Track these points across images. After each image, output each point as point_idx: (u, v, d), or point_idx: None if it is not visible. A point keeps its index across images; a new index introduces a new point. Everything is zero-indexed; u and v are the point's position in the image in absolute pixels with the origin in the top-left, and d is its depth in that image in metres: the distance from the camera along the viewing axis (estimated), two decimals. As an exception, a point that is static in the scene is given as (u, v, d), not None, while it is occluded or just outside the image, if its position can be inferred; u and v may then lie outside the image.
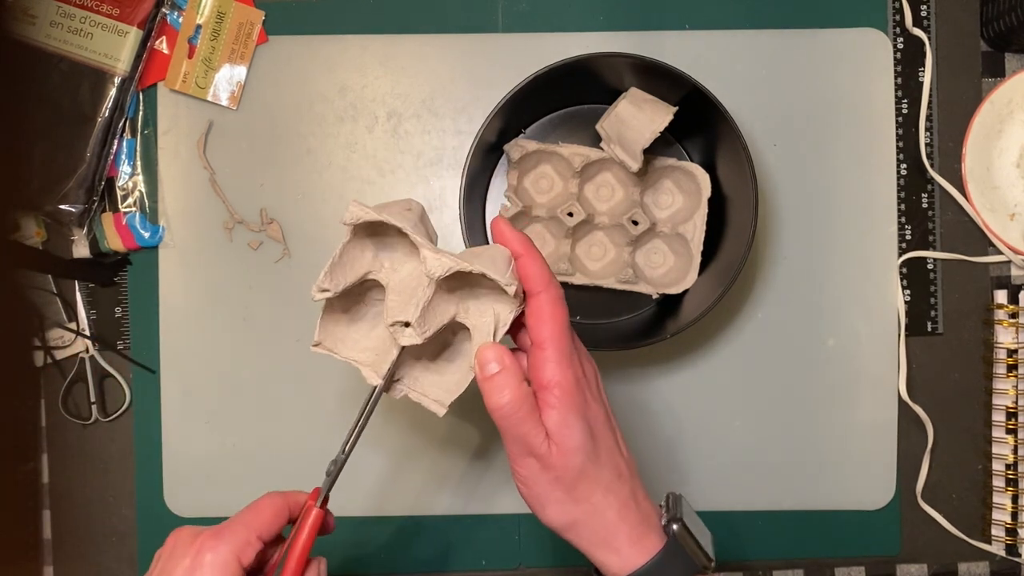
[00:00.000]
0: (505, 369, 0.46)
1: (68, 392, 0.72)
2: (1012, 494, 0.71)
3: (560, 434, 0.46)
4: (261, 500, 0.50)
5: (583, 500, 0.47)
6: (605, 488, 0.47)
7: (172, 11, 0.71)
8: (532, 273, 0.47)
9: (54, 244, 0.72)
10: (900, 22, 0.72)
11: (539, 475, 0.46)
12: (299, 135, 0.72)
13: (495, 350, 0.47)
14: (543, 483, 0.46)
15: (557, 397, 0.46)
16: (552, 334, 0.46)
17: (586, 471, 0.46)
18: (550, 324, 0.46)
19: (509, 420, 0.45)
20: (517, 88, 0.63)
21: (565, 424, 0.46)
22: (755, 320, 0.72)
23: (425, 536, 0.72)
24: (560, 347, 0.46)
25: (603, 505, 0.47)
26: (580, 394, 0.46)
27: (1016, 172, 0.72)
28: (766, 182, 0.72)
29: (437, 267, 0.45)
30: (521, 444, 0.46)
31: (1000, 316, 0.71)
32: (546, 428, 0.46)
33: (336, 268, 0.48)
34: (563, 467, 0.46)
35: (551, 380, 0.46)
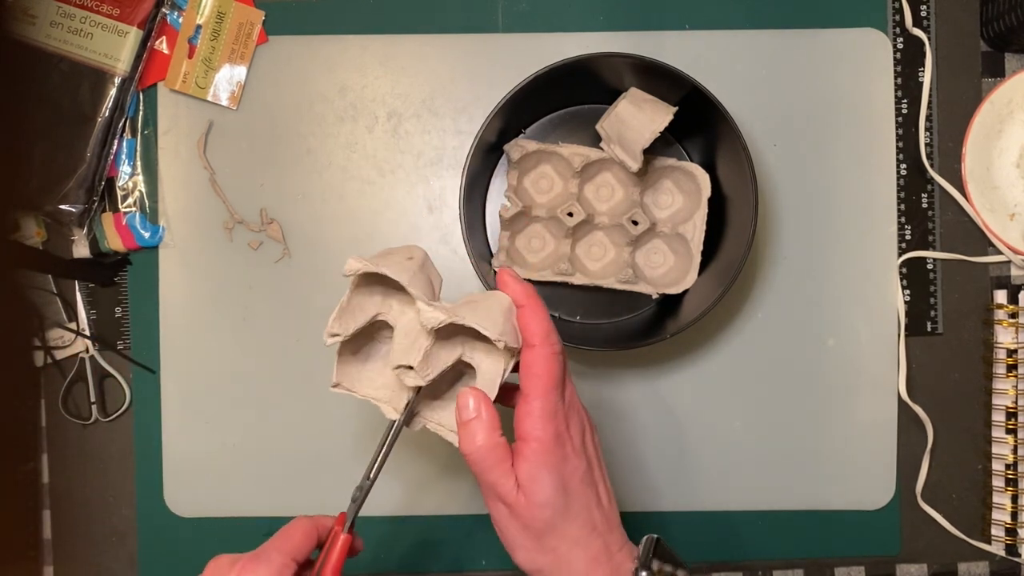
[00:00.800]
0: (479, 418, 0.47)
1: (68, 392, 0.72)
2: (1012, 494, 0.71)
3: (529, 488, 0.46)
4: (291, 525, 0.51)
5: (550, 551, 0.47)
6: (573, 541, 0.47)
7: (172, 11, 0.71)
8: (530, 326, 0.48)
9: (54, 244, 0.72)
10: (900, 22, 0.72)
11: (508, 521, 0.48)
12: (299, 135, 0.72)
13: (475, 396, 0.48)
14: (512, 529, 0.48)
15: (532, 450, 0.46)
16: (538, 389, 0.47)
17: (554, 524, 0.47)
18: (538, 379, 0.47)
19: (478, 466, 0.47)
20: (517, 88, 0.63)
21: (535, 479, 0.46)
22: (755, 320, 0.72)
23: (425, 536, 0.72)
24: (544, 403, 0.47)
25: (570, 557, 0.47)
26: (558, 450, 0.47)
27: (1016, 172, 0.72)
28: (766, 182, 0.72)
29: (431, 320, 0.47)
30: (490, 490, 0.47)
31: (1000, 316, 0.71)
32: (517, 478, 0.47)
33: (345, 313, 0.50)
34: (530, 518, 0.47)
35: (529, 434, 0.47)
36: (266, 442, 0.72)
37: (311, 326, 0.72)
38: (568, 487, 0.47)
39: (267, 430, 0.72)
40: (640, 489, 0.72)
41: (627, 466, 0.72)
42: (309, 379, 0.71)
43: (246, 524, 0.72)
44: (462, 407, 0.48)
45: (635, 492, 0.72)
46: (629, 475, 0.72)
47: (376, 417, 0.72)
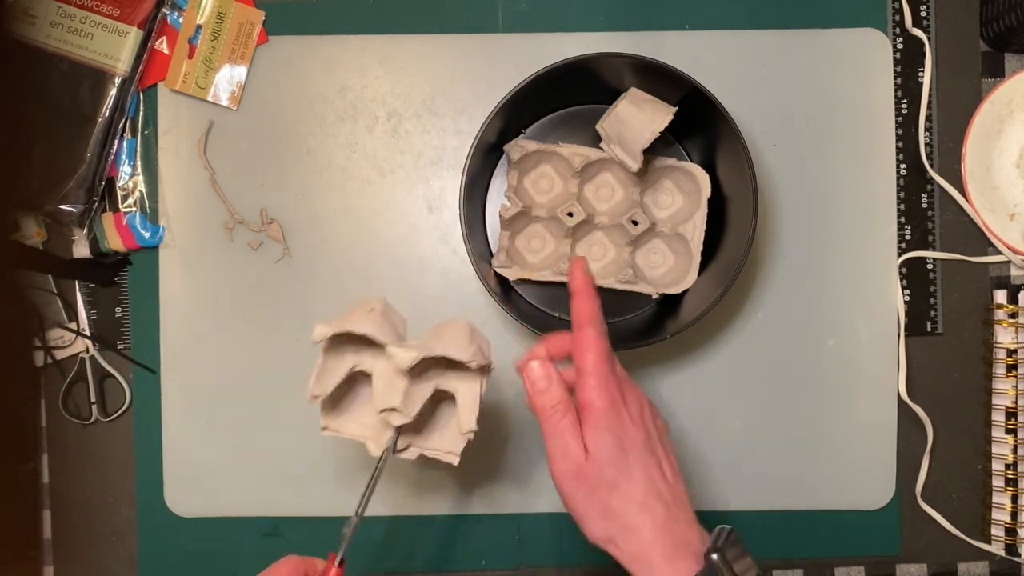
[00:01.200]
0: (554, 384, 0.51)
1: (68, 392, 0.72)
2: (1012, 494, 0.71)
3: (594, 446, 0.50)
4: (280, 564, 0.52)
5: (618, 515, 0.50)
6: (639, 506, 0.50)
7: (172, 11, 0.71)
8: (582, 310, 0.52)
9: (54, 244, 0.72)
10: (900, 22, 0.72)
11: (577, 490, 0.50)
12: (299, 135, 0.72)
13: (544, 368, 0.52)
14: (581, 497, 0.50)
15: (593, 416, 0.50)
16: (591, 363, 0.50)
17: (618, 485, 0.50)
18: (590, 353, 0.51)
19: (557, 427, 0.50)
20: (517, 88, 0.63)
21: (597, 439, 0.50)
22: (755, 320, 0.72)
23: (425, 536, 0.72)
24: (598, 374, 0.50)
25: (638, 522, 0.49)
26: (615, 415, 0.50)
27: (1016, 172, 0.72)
28: (766, 182, 0.72)
29: (404, 361, 0.51)
30: (562, 451, 0.50)
31: (1000, 316, 0.71)
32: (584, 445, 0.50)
33: (322, 374, 0.54)
34: (596, 479, 0.49)
35: (588, 403, 0.50)
36: (266, 442, 0.72)
37: (311, 326, 0.71)
38: (628, 450, 0.50)
39: (267, 430, 0.72)
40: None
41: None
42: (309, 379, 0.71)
43: (246, 524, 0.72)
44: (535, 380, 0.52)
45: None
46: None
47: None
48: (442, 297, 0.72)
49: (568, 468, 0.50)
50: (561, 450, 0.50)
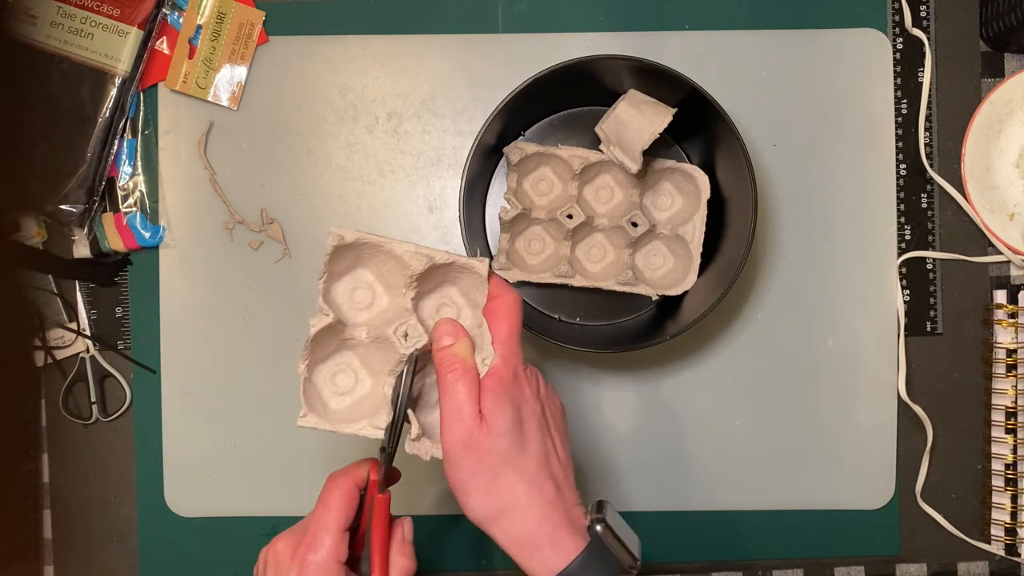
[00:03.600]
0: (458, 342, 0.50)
1: (68, 392, 0.72)
2: (1011, 494, 0.71)
3: (491, 413, 0.48)
4: (328, 493, 0.51)
5: (506, 490, 0.48)
6: (529, 482, 0.48)
7: (173, 11, 0.71)
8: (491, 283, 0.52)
9: (54, 244, 0.72)
10: (900, 22, 0.72)
11: (464, 457, 0.48)
12: (299, 135, 0.72)
13: (451, 324, 0.51)
14: (468, 466, 0.48)
15: (493, 382, 0.49)
16: (502, 331, 0.50)
17: (510, 457, 0.48)
18: (503, 321, 0.51)
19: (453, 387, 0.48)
20: (515, 91, 0.63)
21: (497, 405, 0.48)
22: (755, 321, 0.72)
23: (425, 536, 0.72)
24: (507, 342, 0.50)
25: (526, 500, 0.48)
26: (516, 387, 0.50)
27: (1015, 172, 0.72)
28: (766, 182, 0.72)
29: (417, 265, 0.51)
30: (456, 412, 0.48)
31: (999, 316, 0.71)
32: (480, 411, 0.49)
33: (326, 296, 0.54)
34: (488, 448, 0.48)
35: (491, 368, 0.50)
36: (266, 442, 0.72)
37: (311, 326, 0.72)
38: (525, 424, 0.49)
39: (267, 430, 0.72)
40: (640, 489, 0.72)
41: (627, 466, 0.72)
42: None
43: (246, 524, 0.72)
44: (440, 336, 0.51)
45: (635, 492, 0.72)
46: (629, 475, 0.72)
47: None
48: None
49: (459, 432, 0.48)
50: (455, 411, 0.48)
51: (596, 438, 0.72)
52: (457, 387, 0.48)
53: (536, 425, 0.50)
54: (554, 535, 0.48)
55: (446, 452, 0.49)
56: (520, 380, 0.50)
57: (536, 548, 0.48)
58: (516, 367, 0.50)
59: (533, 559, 0.48)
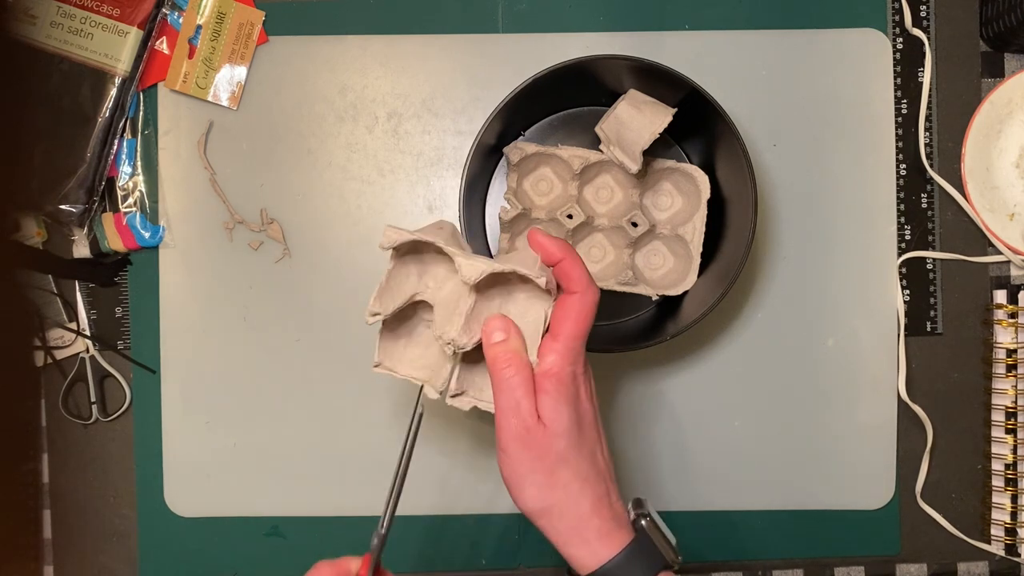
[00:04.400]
0: (511, 337, 0.50)
1: (68, 392, 0.72)
2: (1011, 494, 0.71)
3: (549, 416, 0.48)
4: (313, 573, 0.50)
5: (561, 487, 0.49)
6: (583, 479, 0.49)
7: (172, 11, 0.71)
8: (574, 274, 0.49)
9: (54, 244, 0.72)
10: (900, 22, 0.72)
11: (522, 452, 0.48)
12: (299, 135, 0.72)
13: (502, 320, 0.50)
14: (525, 461, 0.48)
15: (553, 384, 0.48)
16: (570, 331, 0.49)
17: (567, 458, 0.48)
18: (572, 322, 0.49)
19: (509, 382, 0.48)
20: (515, 91, 0.63)
21: (556, 409, 0.48)
22: (755, 320, 0.72)
23: (425, 535, 0.72)
24: (571, 344, 0.49)
25: (579, 495, 0.49)
26: (574, 388, 0.49)
27: (1015, 172, 0.72)
28: (766, 182, 0.72)
29: (471, 272, 0.49)
30: (513, 408, 0.48)
31: (999, 316, 0.71)
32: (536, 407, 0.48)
33: (384, 292, 0.51)
34: (546, 447, 0.48)
35: (550, 369, 0.49)
36: (266, 442, 0.72)
37: (311, 326, 0.72)
38: (582, 424, 0.49)
39: (267, 430, 0.72)
40: (641, 489, 0.72)
41: (627, 466, 0.72)
42: (309, 379, 0.72)
43: (246, 524, 0.72)
44: (490, 331, 0.50)
45: (635, 492, 0.72)
46: (630, 475, 0.72)
47: (375, 418, 0.72)
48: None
49: (516, 428, 0.48)
50: (512, 407, 0.48)
51: (596, 438, 0.72)
52: (514, 382, 0.48)
53: (589, 425, 0.50)
54: (602, 528, 0.49)
55: (503, 445, 0.49)
56: (578, 381, 0.50)
57: (584, 541, 0.49)
58: (576, 368, 0.49)
59: (581, 549, 0.49)
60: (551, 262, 0.50)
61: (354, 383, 0.71)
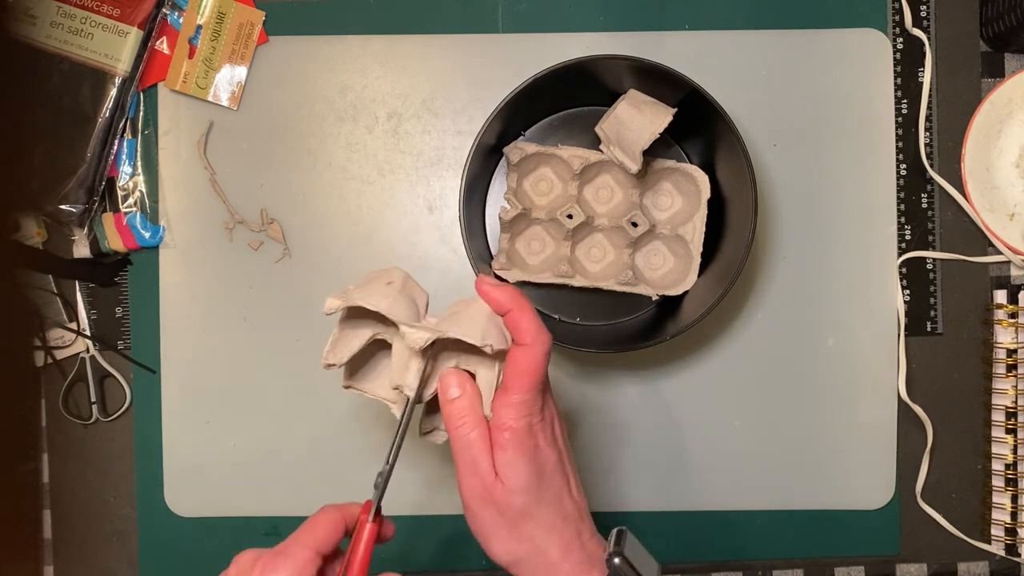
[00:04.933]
0: (465, 395, 0.49)
1: (68, 392, 0.72)
2: (1011, 494, 0.71)
3: (505, 473, 0.48)
4: (316, 516, 0.50)
5: (526, 539, 0.49)
6: (548, 528, 0.49)
7: (172, 11, 0.71)
8: (522, 325, 0.49)
9: (54, 244, 0.72)
10: (900, 22, 0.72)
11: (483, 508, 0.48)
12: (299, 135, 0.72)
13: (457, 377, 0.49)
14: (488, 518, 0.48)
15: (507, 439, 0.48)
16: (522, 385, 0.48)
17: (529, 511, 0.48)
18: (524, 376, 0.48)
19: (463, 440, 0.48)
20: (515, 92, 0.63)
21: (511, 465, 0.48)
22: (755, 320, 0.72)
23: (425, 536, 0.72)
24: (524, 396, 0.48)
25: (546, 544, 0.49)
26: (530, 439, 0.48)
27: (1015, 172, 0.72)
28: (766, 182, 0.72)
29: (416, 341, 0.48)
30: (470, 467, 0.48)
31: (999, 316, 0.71)
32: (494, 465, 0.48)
33: (337, 344, 0.51)
34: (506, 504, 0.48)
35: (504, 423, 0.48)
36: (266, 442, 0.72)
37: (311, 326, 0.72)
38: (541, 475, 0.49)
39: (267, 430, 0.72)
40: (640, 489, 0.72)
41: (627, 466, 0.72)
42: (309, 379, 0.72)
43: (246, 524, 0.72)
44: (446, 388, 0.49)
45: (635, 492, 0.72)
46: (629, 475, 0.72)
47: (376, 418, 0.72)
48: (442, 297, 0.71)
49: (476, 486, 0.48)
50: (470, 465, 0.48)
51: (596, 438, 0.72)
52: (470, 439, 0.48)
53: (551, 473, 0.49)
54: (572, 572, 0.49)
55: (465, 503, 0.49)
56: (535, 432, 0.48)
57: None
58: (532, 419, 0.48)
59: None
60: (500, 312, 0.50)
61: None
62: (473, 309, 0.50)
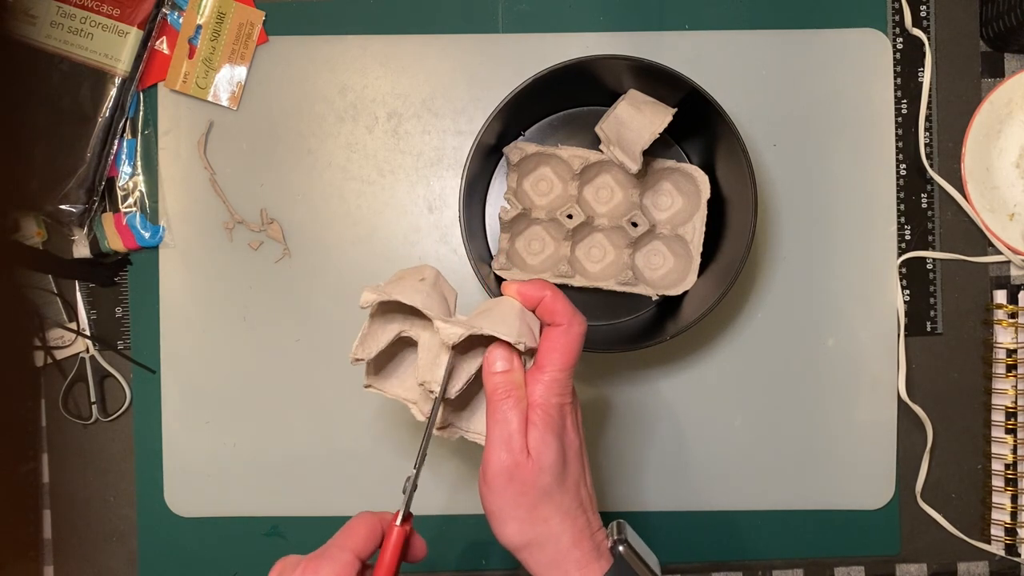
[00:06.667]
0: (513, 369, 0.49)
1: (68, 392, 0.72)
2: (1011, 494, 0.71)
3: (537, 450, 0.48)
4: (354, 520, 0.50)
5: (542, 522, 0.49)
6: (564, 513, 0.49)
7: (172, 11, 0.71)
8: (557, 309, 0.50)
9: (54, 244, 0.72)
10: (900, 22, 0.72)
11: (507, 487, 0.48)
12: (299, 135, 0.72)
13: (506, 350, 0.50)
14: (509, 497, 0.48)
15: (540, 417, 0.48)
16: (557, 362, 0.49)
17: (551, 492, 0.48)
18: (559, 354, 0.49)
19: (504, 415, 0.48)
20: (515, 91, 0.63)
21: (543, 442, 0.48)
22: (755, 320, 0.72)
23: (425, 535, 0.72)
24: (558, 376, 0.49)
25: (559, 530, 0.49)
26: (561, 420, 0.49)
27: (1015, 172, 0.72)
28: (766, 182, 0.72)
29: (450, 336, 0.48)
30: (505, 442, 0.48)
31: (999, 316, 0.71)
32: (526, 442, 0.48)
33: (367, 339, 0.52)
34: (531, 482, 0.48)
35: (537, 401, 0.49)
36: (266, 442, 0.72)
37: (311, 326, 0.72)
38: (567, 457, 0.49)
39: (267, 430, 0.72)
40: (640, 489, 0.72)
41: (627, 466, 0.72)
42: (309, 379, 0.72)
43: (246, 524, 0.72)
44: (493, 360, 0.49)
45: (635, 492, 0.72)
46: (630, 475, 0.72)
47: (376, 418, 0.72)
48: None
49: (506, 462, 0.48)
50: (504, 440, 0.48)
51: (596, 438, 0.72)
52: (510, 416, 0.48)
53: (574, 457, 0.50)
54: (581, 560, 0.49)
55: (489, 479, 0.49)
56: (565, 414, 0.49)
57: (564, 573, 0.49)
58: (563, 399, 0.49)
59: None
60: (531, 305, 0.51)
61: (354, 383, 0.71)
62: (504, 307, 0.51)
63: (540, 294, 0.50)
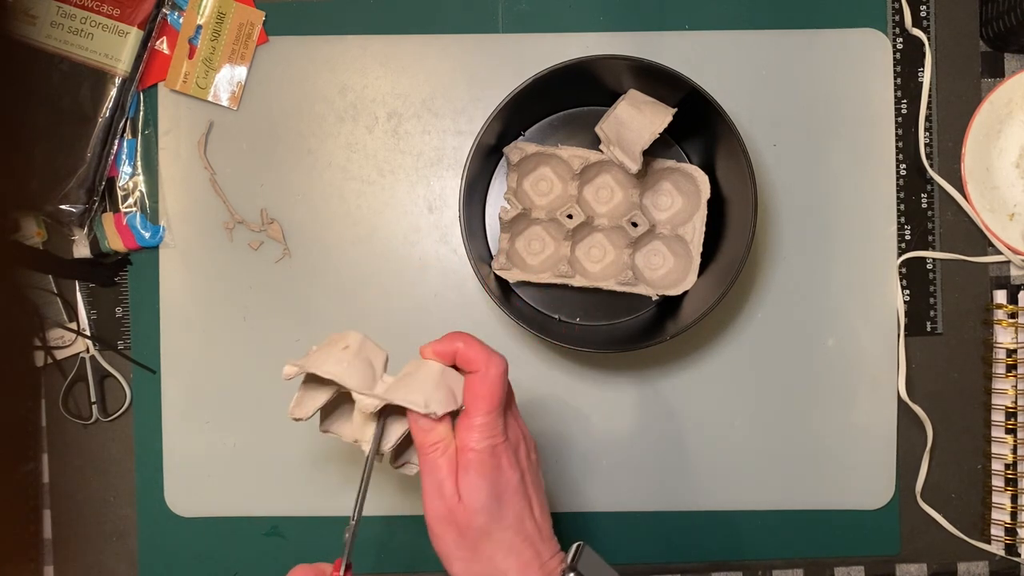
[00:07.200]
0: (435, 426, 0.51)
1: (68, 392, 0.72)
2: (1011, 494, 0.71)
3: (468, 493, 0.49)
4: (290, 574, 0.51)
5: (486, 560, 0.50)
6: (507, 549, 0.50)
7: (173, 11, 0.71)
8: (471, 357, 0.51)
9: (54, 244, 0.72)
10: (900, 22, 0.72)
11: (446, 532, 0.50)
12: (299, 135, 0.72)
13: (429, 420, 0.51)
14: (450, 540, 0.50)
15: (469, 460, 0.50)
16: (481, 408, 0.50)
17: (488, 531, 0.50)
18: (481, 400, 0.50)
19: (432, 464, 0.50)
20: (515, 91, 0.63)
21: (474, 486, 0.49)
22: (755, 320, 0.72)
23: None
24: (485, 420, 0.50)
25: (505, 566, 0.50)
26: (492, 460, 0.50)
27: (1015, 172, 0.72)
28: (765, 182, 0.72)
29: (367, 407, 0.51)
30: (436, 489, 0.50)
31: (999, 316, 0.71)
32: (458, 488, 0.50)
33: (302, 400, 0.54)
34: (467, 524, 0.49)
35: (466, 445, 0.50)
36: (266, 442, 0.72)
37: (311, 326, 0.72)
38: (502, 496, 0.50)
39: (267, 430, 0.72)
40: (640, 489, 0.72)
41: (627, 466, 0.72)
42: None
43: (246, 524, 0.72)
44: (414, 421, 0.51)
45: (635, 492, 0.72)
46: (629, 475, 0.72)
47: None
48: (442, 297, 0.72)
49: (440, 509, 0.50)
50: (436, 489, 0.50)
51: (596, 438, 0.72)
52: (439, 463, 0.50)
53: (512, 494, 0.51)
54: None
55: (429, 525, 0.51)
56: (497, 454, 0.50)
57: None
58: (494, 443, 0.50)
59: None
60: (449, 361, 0.52)
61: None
62: (423, 371, 0.52)
63: (452, 348, 0.52)
